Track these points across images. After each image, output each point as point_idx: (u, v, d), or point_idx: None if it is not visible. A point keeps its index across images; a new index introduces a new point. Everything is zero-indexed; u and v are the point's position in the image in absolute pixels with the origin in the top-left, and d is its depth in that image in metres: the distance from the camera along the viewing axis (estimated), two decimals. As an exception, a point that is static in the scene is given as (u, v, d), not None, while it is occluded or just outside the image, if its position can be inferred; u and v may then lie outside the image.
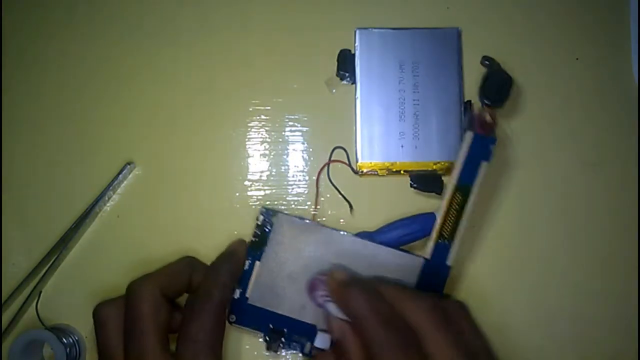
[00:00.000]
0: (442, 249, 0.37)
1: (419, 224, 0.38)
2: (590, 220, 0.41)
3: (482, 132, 0.38)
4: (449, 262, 0.37)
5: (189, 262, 0.37)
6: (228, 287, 0.36)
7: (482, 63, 0.40)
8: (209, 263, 0.37)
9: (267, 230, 0.38)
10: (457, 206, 0.37)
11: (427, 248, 0.37)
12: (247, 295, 0.37)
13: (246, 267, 0.37)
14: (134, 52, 0.41)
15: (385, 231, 0.38)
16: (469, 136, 0.38)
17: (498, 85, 0.39)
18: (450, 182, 0.38)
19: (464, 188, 0.37)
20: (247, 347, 0.39)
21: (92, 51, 0.41)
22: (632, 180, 0.41)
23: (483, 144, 0.38)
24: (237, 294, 0.37)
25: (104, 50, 0.41)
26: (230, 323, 0.37)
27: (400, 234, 0.38)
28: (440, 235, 0.37)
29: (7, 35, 0.41)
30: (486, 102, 0.39)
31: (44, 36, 0.41)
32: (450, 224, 0.37)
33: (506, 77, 0.39)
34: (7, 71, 0.41)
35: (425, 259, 0.37)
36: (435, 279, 0.37)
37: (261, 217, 0.38)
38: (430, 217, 0.38)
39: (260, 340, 0.38)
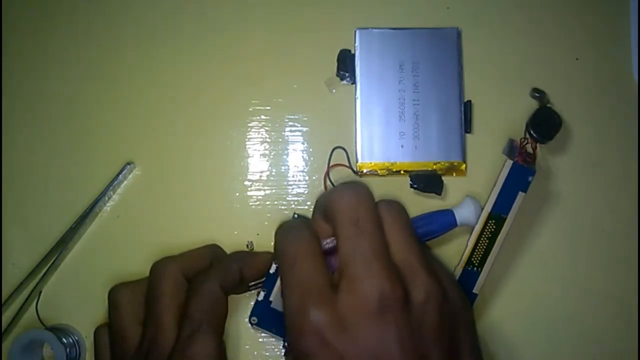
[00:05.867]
0: (469, 275, 0.37)
1: (437, 222, 0.37)
2: (590, 219, 0.41)
3: (522, 163, 0.38)
4: (475, 290, 0.37)
5: (212, 250, 0.38)
6: (231, 275, 0.36)
7: (532, 95, 0.40)
8: None
9: None
10: (489, 234, 0.37)
11: (455, 273, 0.37)
12: (270, 298, 0.37)
13: (272, 270, 0.37)
14: (134, 52, 0.41)
15: None
16: (508, 165, 0.38)
17: (547, 122, 0.39)
18: (485, 209, 0.37)
19: (497, 217, 0.37)
20: (247, 347, 0.39)
21: (92, 51, 0.41)
22: (632, 180, 0.41)
23: (522, 174, 0.38)
24: (261, 296, 0.37)
25: (103, 50, 0.41)
26: (252, 325, 0.37)
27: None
28: (469, 261, 0.37)
29: (7, 35, 0.41)
30: (534, 135, 0.38)
31: (44, 36, 0.41)
32: (481, 251, 0.37)
33: (557, 118, 0.39)
34: (7, 71, 0.41)
35: None
36: None
37: None
38: (447, 213, 0.37)
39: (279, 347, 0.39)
